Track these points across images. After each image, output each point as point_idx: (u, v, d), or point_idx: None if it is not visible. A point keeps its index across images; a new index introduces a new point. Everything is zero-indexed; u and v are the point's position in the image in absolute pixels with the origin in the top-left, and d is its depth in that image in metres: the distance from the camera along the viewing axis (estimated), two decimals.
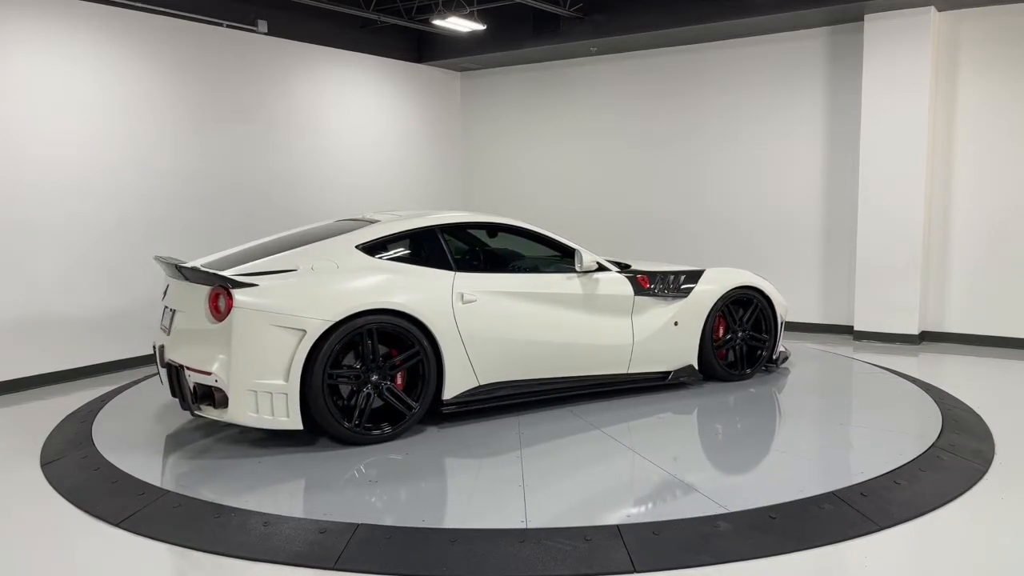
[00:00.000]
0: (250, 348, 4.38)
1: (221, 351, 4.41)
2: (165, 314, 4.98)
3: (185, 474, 4.35)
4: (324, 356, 4.46)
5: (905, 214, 7.90)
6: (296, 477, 4.24)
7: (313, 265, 4.81)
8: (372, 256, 5.03)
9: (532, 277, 5.45)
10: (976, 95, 7.82)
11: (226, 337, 4.39)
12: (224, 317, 4.42)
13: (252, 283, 4.48)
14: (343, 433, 4.61)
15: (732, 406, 5.61)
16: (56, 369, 6.71)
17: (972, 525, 3.69)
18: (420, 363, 4.80)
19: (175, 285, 4.93)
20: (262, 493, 4.00)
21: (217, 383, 4.41)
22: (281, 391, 4.41)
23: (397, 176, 10.27)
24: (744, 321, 6.21)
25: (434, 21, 8.67)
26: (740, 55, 9.08)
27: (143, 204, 7.33)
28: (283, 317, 4.42)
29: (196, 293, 4.63)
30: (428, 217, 5.41)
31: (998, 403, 5.70)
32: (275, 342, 4.41)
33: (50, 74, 6.62)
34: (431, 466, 4.39)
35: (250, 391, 4.38)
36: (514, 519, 3.64)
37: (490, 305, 5.11)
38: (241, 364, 4.37)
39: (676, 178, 9.64)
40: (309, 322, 4.44)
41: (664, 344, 5.82)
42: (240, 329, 4.37)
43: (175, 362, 4.62)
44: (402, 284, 4.85)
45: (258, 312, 4.40)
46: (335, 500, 3.91)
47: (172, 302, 4.90)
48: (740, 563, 3.26)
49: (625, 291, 5.71)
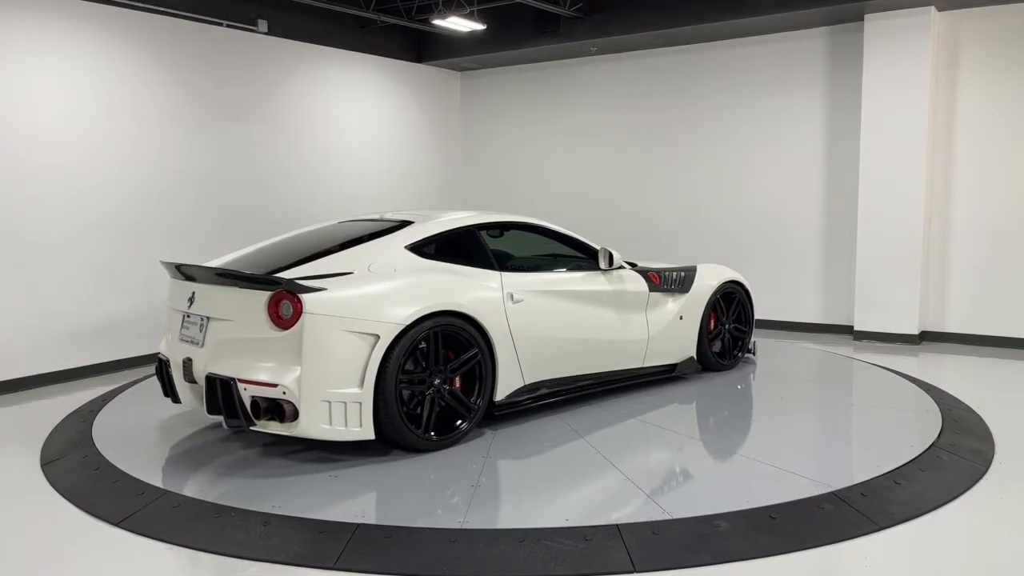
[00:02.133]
0: (322, 356, 4.13)
1: (288, 361, 4.14)
2: (187, 323, 4.62)
3: (185, 474, 4.34)
4: (396, 361, 4.29)
5: (905, 214, 7.90)
6: (297, 477, 4.23)
7: (369, 267, 4.63)
8: (422, 257, 4.88)
9: (567, 275, 5.54)
10: (976, 95, 7.82)
11: (294, 346, 4.13)
12: (291, 324, 4.14)
13: (320, 287, 4.23)
14: (413, 440, 4.44)
15: (732, 406, 5.60)
16: (56, 369, 6.71)
17: (972, 525, 3.69)
18: (478, 365, 4.72)
19: (208, 291, 4.53)
20: (262, 493, 4.00)
21: (285, 395, 4.12)
22: (355, 400, 4.21)
23: (397, 176, 10.27)
24: (729, 313, 6.63)
25: (434, 21, 8.67)
26: (740, 55, 9.08)
27: (142, 204, 7.33)
28: (355, 322, 4.21)
29: (246, 300, 4.30)
30: (463, 216, 5.32)
31: (998, 403, 5.70)
32: (348, 349, 4.19)
33: (50, 74, 6.62)
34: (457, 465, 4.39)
35: (323, 402, 4.15)
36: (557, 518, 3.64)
37: (535, 304, 5.14)
38: (313, 374, 4.12)
39: (676, 177, 9.64)
40: (382, 326, 4.26)
41: (672, 338, 6.10)
42: (311, 337, 4.11)
43: (219, 375, 4.25)
44: (461, 285, 4.76)
45: (329, 317, 4.15)
46: (335, 500, 3.91)
47: (205, 310, 4.49)
48: (740, 563, 3.25)
49: (642, 287, 5.92)
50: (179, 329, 4.68)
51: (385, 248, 4.84)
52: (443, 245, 5.12)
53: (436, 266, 4.88)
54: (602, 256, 5.65)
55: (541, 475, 4.27)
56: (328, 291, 4.23)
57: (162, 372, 4.87)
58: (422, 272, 4.75)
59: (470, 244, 5.21)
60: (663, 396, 5.82)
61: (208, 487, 4.11)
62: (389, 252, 4.81)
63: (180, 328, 4.68)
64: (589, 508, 3.77)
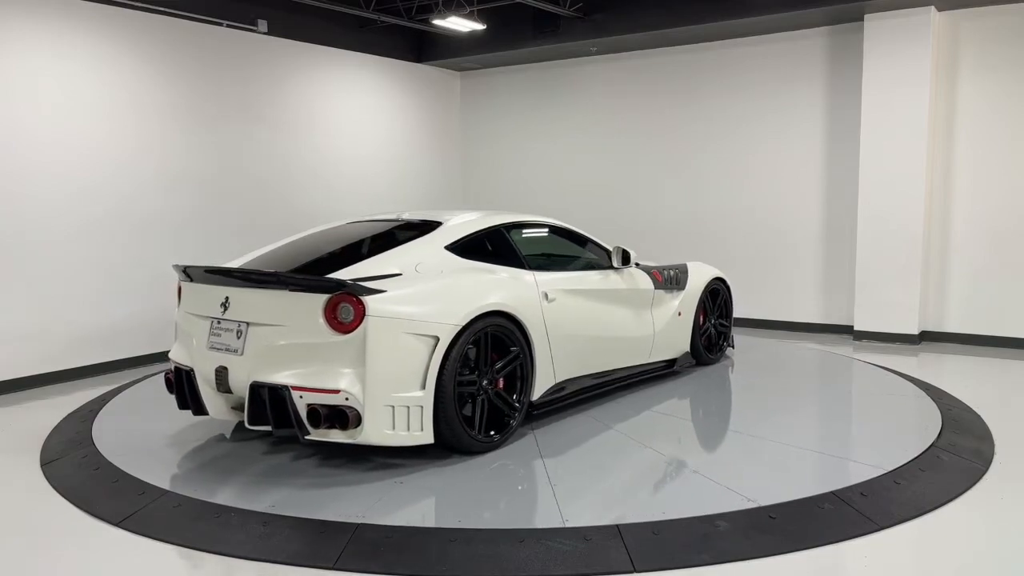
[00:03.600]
0: (386, 360, 4.03)
1: (349, 366, 4.01)
2: (219, 330, 4.38)
3: (185, 474, 4.34)
4: (454, 362, 4.24)
5: (905, 214, 7.90)
6: (296, 477, 4.23)
7: (416, 267, 4.53)
8: (461, 256, 4.82)
9: (589, 274, 5.61)
10: (976, 95, 7.82)
11: (356, 350, 4.00)
12: (351, 328, 4.00)
13: (380, 289, 4.12)
14: (469, 443, 4.39)
15: (731, 405, 5.60)
16: (56, 369, 6.71)
17: (972, 525, 3.69)
18: (519, 365, 4.71)
19: (247, 295, 4.30)
20: (262, 493, 4.00)
21: (348, 401, 3.99)
22: (417, 403, 4.13)
23: (397, 175, 10.27)
24: (715, 310, 6.85)
25: (434, 21, 8.67)
26: (740, 55, 9.08)
27: (142, 204, 7.33)
28: (416, 324, 4.13)
29: (298, 303, 4.11)
30: (492, 216, 5.33)
31: (998, 403, 5.70)
32: (409, 351, 4.11)
33: (50, 74, 6.62)
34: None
35: (386, 407, 4.05)
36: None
37: (565, 303, 5.17)
38: (377, 378, 4.00)
39: (676, 177, 9.64)
40: (442, 327, 4.20)
41: (673, 333, 6.28)
42: (375, 340, 3.99)
43: (269, 383, 4.08)
44: (505, 284, 4.74)
45: (392, 320, 4.05)
46: (335, 500, 3.90)
47: (244, 315, 4.27)
48: (740, 563, 3.25)
49: (648, 285, 6.07)
50: (206, 336, 4.43)
51: (427, 249, 4.76)
52: (477, 245, 5.08)
53: (476, 266, 4.84)
54: (615, 255, 5.77)
55: (603, 469, 4.31)
56: (388, 292, 4.13)
57: (181, 383, 4.61)
58: (466, 272, 4.71)
59: (501, 244, 5.22)
60: (663, 395, 5.83)
61: (208, 487, 4.10)
62: (431, 253, 4.73)
63: (208, 335, 4.42)
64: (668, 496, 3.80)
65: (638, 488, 4.04)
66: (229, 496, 3.96)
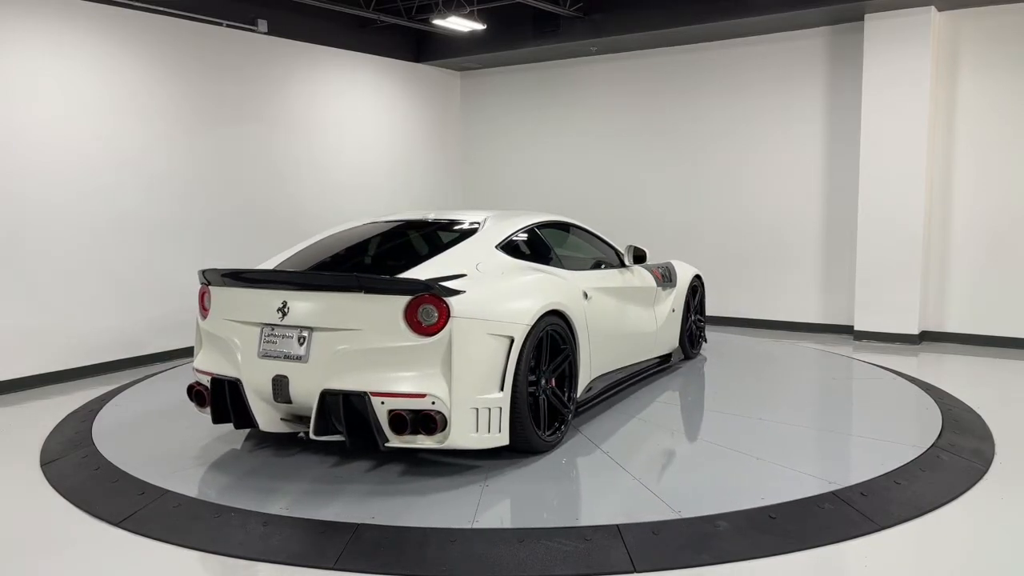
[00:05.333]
0: (470, 362, 3.97)
1: (433, 369, 3.93)
2: (274, 337, 4.19)
3: (185, 474, 4.33)
4: (526, 363, 4.21)
5: (905, 213, 7.90)
6: (296, 477, 4.23)
7: (477, 266, 4.48)
8: (510, 256, 4.82)
9: (609, 272, 5.71)
10: (976, 94, 7.82)
11: (440, 352, 3.92)
12: (435, 330, 3.92)
13: (461, 290, 4.05)
14: (537, 442, 4.37)
15: (731, 405, 5.60)
16: (56, 369, 6.71)
17: (972, 525, 3.69)
18: (569, 363, 4.70)
19: (310, 299, 4.13)
20: (262, 493, 4.00)
21: (435, 406, 3.91)
22: (497, 405, 4.08)
23: (397, 175, 10.28)
24: (694, 306, 7.04)
25: (434, 21, 8.67)
26: (740, 55, 9.08)
27: (142, 204, 7.33)
28: (495, 324, 4.09)
29: (374, 306, 3.98)
30: (527, 216, 5.37)
31: (998, 403, 5.70)
32: (490, 352, 4.06)
33: (50, 74, 6.62)
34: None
35: (471, 409, 3.99)
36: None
37: (599, 301, 5.24)
38: (463, 381, 3.94)
39: (675, 177, 9.64)
40: (515, 327, 4.17)
41: (669, 329, 6.48)
42: (460, 342, 3.93)
43: (345, 390, 3.95)
44: (556, 283, 4.75)
45: (473, 321, 4.00)
46: (335, 500, 3.90)
47: (308, 320, 4.10)
48: (740, 563, 3.25)
49: (652, 283, 6.23)
50: (257, 344, 4.23)
51: (481, 248, 4.73)
52: (519, 245, 5.09)
53: (525, 265, 4.84)
54: (627, 253, 5.89)
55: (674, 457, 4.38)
56: (467, 293, 4.06)
57: (219, 394, 4.37)
58: (523, 272, 4.70)
59: (536, 243, 5.26)
60: (663, 392, 5.83)
61: (208, 487, 4.11)
62: (486, 252, 4.70)
63: (260, 343, 4.22)
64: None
65: (701, 475, 4.04)
66: (229, 496, 3.96)
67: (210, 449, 4.70)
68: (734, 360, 7.18)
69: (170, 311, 7.55)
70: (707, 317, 9.35)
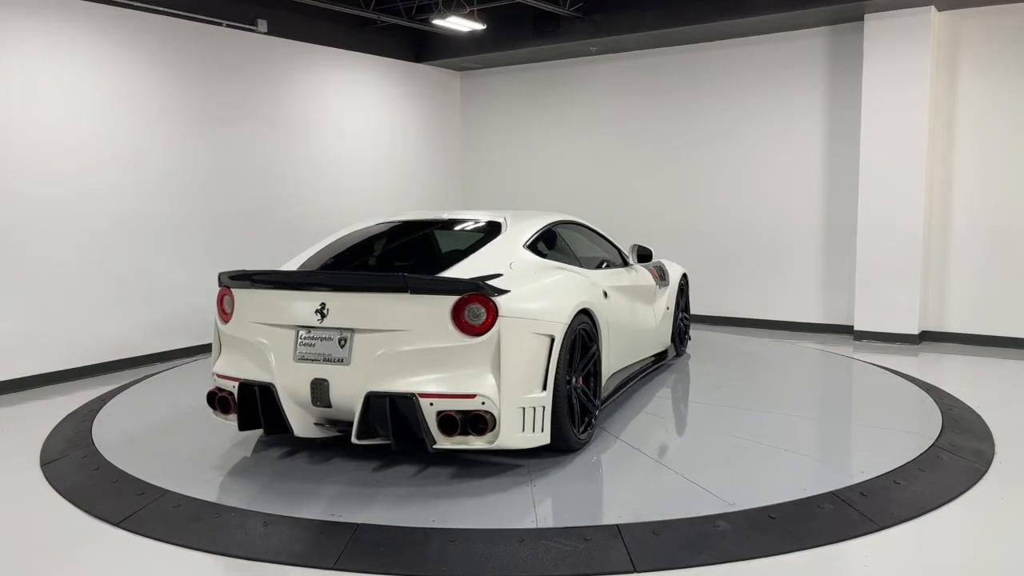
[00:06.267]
0: (517, 361, 3.96)
1: (481, 369, 3.92)
2: (311, 340, 4.11)
3: (185, 474, 4.32)
4: (564, 361, 4.20)
5: (905, 213, 7.90)
6: (296, 477, 4.23)
7: (510, 265, 4.47)
8: (536, 255, 4.81)
9: (619, 271, 5.76)
10: (976, 94, 7.82)
11: (489, 352, 3.91)
12: (482, 330, 3.91)
13: (506, 289, 4.03)
14: (573, 440, 4.39)
15: (730, 405, 5.60)
16: (56, 369, 6.71)
17: (972, 525, 3.69)
18: (594, 361, 4.70)
19: (351, 300, 4.07)
20: (263, 493, 4.00)
21: (484, 406, 3.89)
22: (541, 404, 4.07)
23: (397, 175, 10.27)
24: (681, 304, 7.10)
25: (434, 21, 8.67)
26: (740, 55, 9.08)
27: (141, 204, 7.33)
28: (538, 323, 4.09)
29: (420, 306, 3.94)
30: (546, 215, 5.39)
31: (998, 403, 5.70)
32: (533, 351, 4.06)
33: (50, 74, 6.62)
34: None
35: (518, 409, 3.97)
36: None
37: (615, 300, 5.27)
38: (511, 380, 3.93)
39: (675, 177, 9.64)
40: (555, 326, 4.17)
41: (665, 326, 6.56)
42: (508, 341, 3.92)
43: (392, 392, 3.91)
44: (583, 282, 4.78)
45: (520, 320, 3.99)
46: (335, 500, 3.90)
47: (349, 321, 4.05)
48: (740, 563, 3.25)
49: (652, 281, 6.33)
50: (292, 347, 4.14)
51: (511, 247, 4.71)
52: (542, 244, 5.08)
53: (551, 264, 4.84)
54: (632, 252, 5.97)
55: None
56: (512, 292, 4.04)
57: (248, 400, 4.27)
58: (550, 270, 4.68)
59: (558, 242, 5.29)
60: (663, 391, 5.83)
61: (208, 487, 4.10)
62: (516, 251, 4.69)
63: (295, 346, 4.13)
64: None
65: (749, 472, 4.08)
66: (229, 496, 3.96)
67: (210, 449, 4.70)
68: (734, 360, 7.18)
69: (170, 311, 7.55)
70: (706, 317, 9.39)
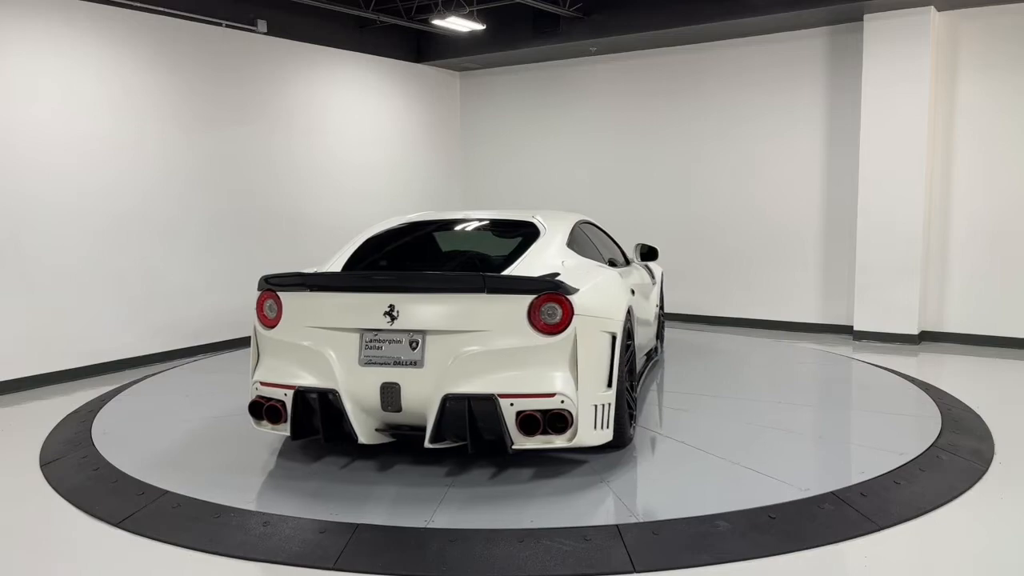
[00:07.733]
0: (591, 359, 3.98)
1: (559, 367, 3.92)
2: (379, 343, 4.03)
3: (185, 474, 4.32)
4: (622, 358, 4.22)
5: (905, 214, 7.90)
6: (297, 477, 4.23)
7: (563, 263, 4.50)
8: (579, 255, 4.84)
9: (631, 269, 5.87)
10: (976, 95, 7.82)
11: (567, 350, 3.92)
12: (558, 329, 3.90)
13: (577, 288, 4.03)
14: (629, 437, 4.42)
15: (730, 405, 5.60)
16: (56, 369, 6.71)
17: (972, 525, 3.69)
18: (632, 357, 4.71)
19: (417, 302, 4.00)
20: (262, 493, 4.00)
21: (564, 404, 3.87)
22: (608, 401, 4.08)
23: (397, 176, 10.27)
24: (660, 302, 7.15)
25: (434, 21, 8.67)
26: (740, 55, 9.08)
27: (141, 204, 7.33)
28: (604, 321, 4.13)
29: (495, 306, 3.93)
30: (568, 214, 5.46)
31: (998, 403, 5.70)
32: (602, 349, 4.08)
33: (49, 74, 6.61)
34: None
35: (592, 406, 3.99)
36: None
37: (637, 298, 5.33)
38: (587, 378, 3.95)
39: (675, 177, 9.64)
40: (615, 323, 4.21)
41: (655, 324, 6.63)
42: (583, 339, 3.93)
43: (471, 394, 3.86)
44: (624, 281, 4.85)
45: (591, 318, 4.02)
46: (335, 500, 3.90)
47: (422, 323, 3.98)
48: (740, 563, 3.25)
49: (650, 280, 6.42)
50: (357, 351, 4.05)
51: (556, 246, 4.74)
52: (575, 243, 5.08)
53: (591, 263, 4.87)
54: (636, 251, 6.04)
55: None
56: (582, 290, 4.06)
57: (303, 408, 4.15)
58: (594, 270, 4.70)
59: (587, 242, 5.31)
60: (658, 384, 5.83)
61: (208, 487, 4.09)
62: (562, 250, 4.71)
63: (361, 350, 4.05)
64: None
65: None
66: (229, 496, 3.95)
67: (210, 450, 4.70)
68: (734, 360, 7.18)
69: (170, 311, 7.55)
70: (706, 317, 9.41)
